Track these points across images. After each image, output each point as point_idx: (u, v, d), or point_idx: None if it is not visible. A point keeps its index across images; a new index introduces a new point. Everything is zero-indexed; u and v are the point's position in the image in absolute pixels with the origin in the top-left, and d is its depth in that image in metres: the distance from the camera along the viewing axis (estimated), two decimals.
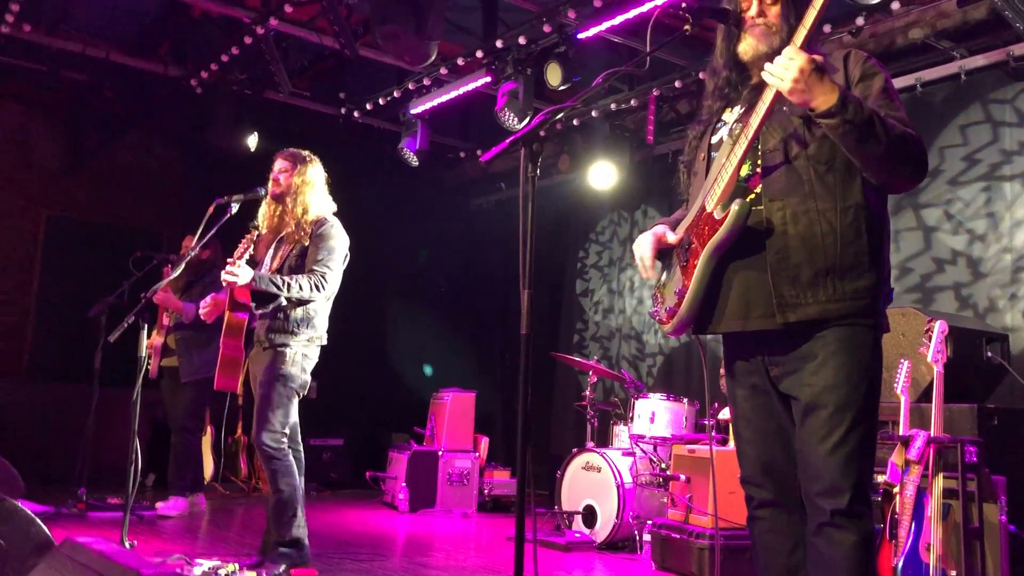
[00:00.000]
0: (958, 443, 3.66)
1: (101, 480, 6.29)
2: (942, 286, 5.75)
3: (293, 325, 4.05)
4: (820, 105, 2.07)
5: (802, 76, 2.06)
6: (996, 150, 5.62)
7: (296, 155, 4.27)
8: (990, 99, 5.68)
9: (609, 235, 8.46)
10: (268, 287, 3.90)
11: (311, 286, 4.00)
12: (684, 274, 2.35)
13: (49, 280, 8.15)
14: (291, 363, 4.03)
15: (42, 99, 8.14)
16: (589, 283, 8.64)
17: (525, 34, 6.07)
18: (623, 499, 5.34)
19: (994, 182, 5.59)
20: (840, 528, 2.13)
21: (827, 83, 2.08)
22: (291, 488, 3.99)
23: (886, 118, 2.13)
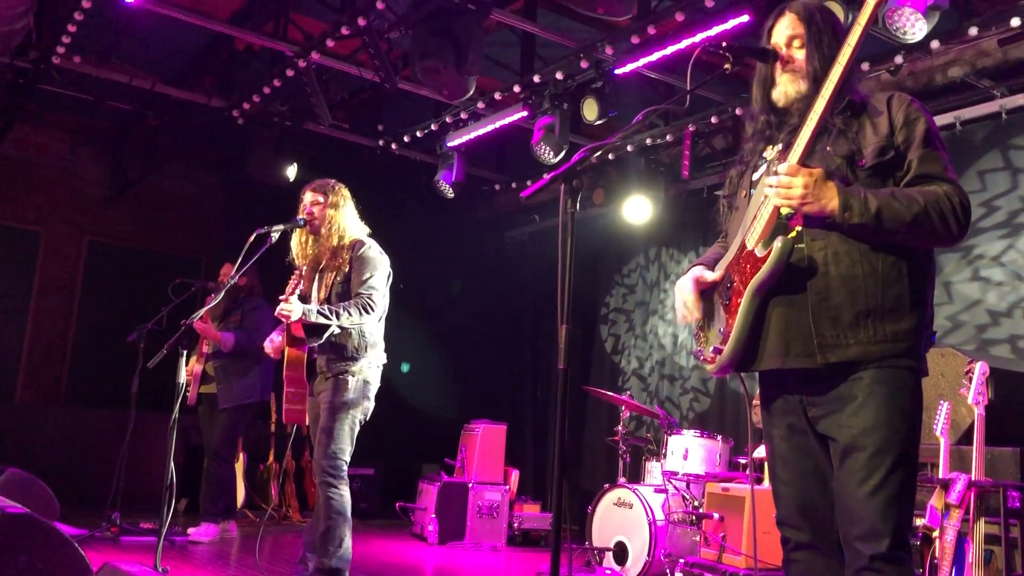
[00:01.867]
0: (1000, 487, 3.59)
1: (135, 504, 6.33)
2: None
3: (351, 352, 4.10)
4: (829, 211, 2.13)
5: (808, 191, 2.12)
6: (1017, 197, 5.62)
7: (325, 185, 4.33)
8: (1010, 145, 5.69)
9: (643, 269, 8.45)
10: (317, 319, 3.96)
11: (360, 310, 4.04)
12: (728, 313, 2.33)
13: (89, 305, 8.30)
14: (353, 390, 4.08)
15: (88, 128, 8.34)
16: (622, 317, 8.62)
17: (562, 69, 6.12)
18: (655, 536, 5.28)
19: (1012, 229, 5.59)
20: (879, 573, 2.09)
21: (829, 189, 2.14)
22: (342, 517, 4.02)
23: (903, 196, 2.14)
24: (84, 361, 8.21)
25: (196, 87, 7.19)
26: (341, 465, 4.06)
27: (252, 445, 7.59)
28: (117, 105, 7.53)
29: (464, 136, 7.25)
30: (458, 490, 6.92)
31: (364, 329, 4.14)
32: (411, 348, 8.73)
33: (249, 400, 6.17)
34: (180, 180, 8.78)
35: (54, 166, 8.36)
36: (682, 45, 5.39)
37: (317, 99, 6.56)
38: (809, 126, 2.18)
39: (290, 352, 4.05)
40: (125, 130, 8.21)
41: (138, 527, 5.81)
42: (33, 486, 5.10)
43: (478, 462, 7.11)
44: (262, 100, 6.94)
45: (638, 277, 8.51)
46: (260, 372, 6.17)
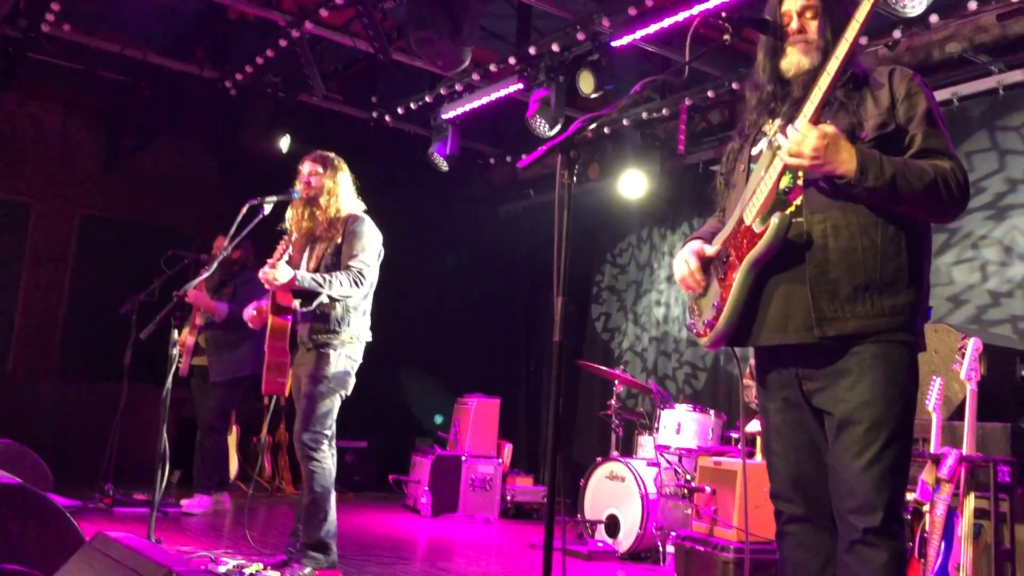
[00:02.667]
0: (991, 462, 3.61)
1: (127, 476, 6.34)
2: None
3: (334, 324, 4.07)
4: (843, 173, 2.10)
5: (819, 153, 2.09)
6: (1002, 179, 5.64)
7: (325, 157, 4.30)
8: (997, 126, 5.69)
9: (638, 244, 8.44)
10: (310, 285, 3.93)
11: (350, 282, 4.03)
12: (722, 287, 2.33)
13: (81, 278, 8.26)
14: (335, 364, 4.06)
15: (80, 99, 8.25)
16: (616, 292, 8.62)
17: (558, 41, 6.07)
18: (647, 510, 5.31)
19: (999, 210, 5.61)
20: (872, 546, 2.10)
21: (844, 151, 2.10)
22: (325, 491, 4.02)
23: (915, 166, 2.14)
24: (77, 333, 8.18)
25: (188, 58, 7.12)
26: (321, 439, 4.03)
27: (245, 418, 7.58)
28: (109, 76, 7.45)
29: (459, 108, 7.20)
30: (451, 463, 6.95)
31: (349, 303, 4.12)
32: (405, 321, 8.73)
33: (241, 373, 6.16)
34: (173, 152, 8.71)
35: (46, 138, 8.28)
36: (680, 17, 5.35)
37: (311, 70, 6.51)
38: (814, 100, 2.16)
39: (274, 321, 4.02)
40: (117, 101, 8.13)
41: (131, 498, 5.82)
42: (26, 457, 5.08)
43: (471, 435, 7.13)
44: (255, 71, 6.88)
45: (633, 252, 8.50)
46: (252, 345, 6.16)
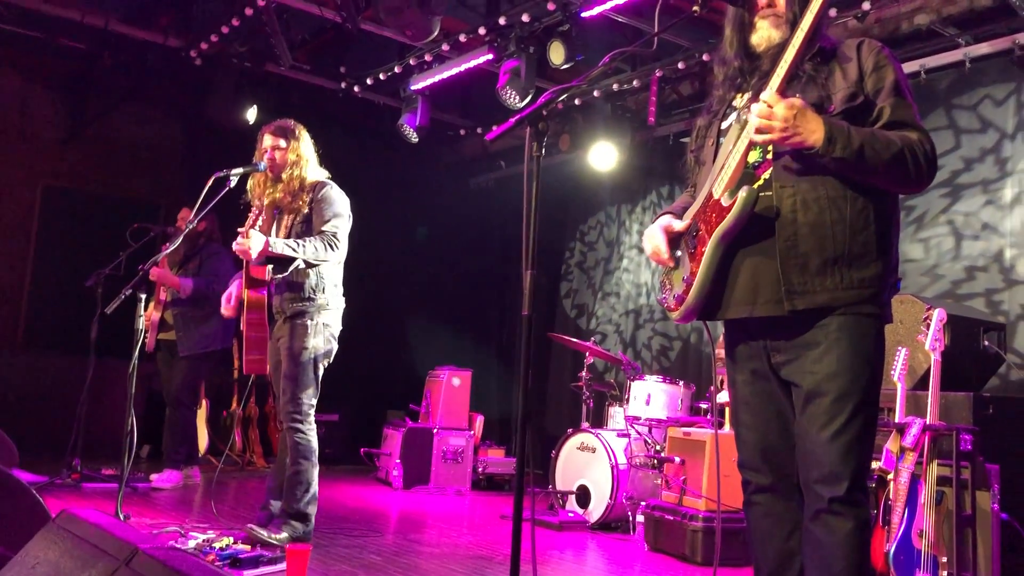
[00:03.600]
0: (953, 431, 3.67)
1: (95, 451, 6.29)
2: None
3: (308, 292, 4.05)
4: (812, 144, 2.11)
5: (788, 124, 2.10)
6: (957, 157, 5.73)
7: (285, 129, 4.24)
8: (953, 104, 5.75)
9: (609, 216, 8.44)
10: (284, 251, 3.91)
11: (325, 246, 4.01)
12: (692, 261, 2.33)
13: (45, 251, 8.13)
14: (313, 334, 4.04)
15: (40, 67, 8.07)
16: (587, 264, 8.63)
17: (528, 12, 6.02)
18: (617, 480, 5.36)
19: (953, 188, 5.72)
20: (838, 515, 2.13)
21: (812, 120, 2.11)
22: (309, 463, 4.03)
23: (882, 136, 2.14)
24: (41, 306, 8.06)
25: (152, 26, 6.98)
26: (307, 410, 4.05)
27: (215, 392, 7.54)
28: (70, 44, 7.28)
29: (428, 79, 7.13)
30: (423, 436, 6.96)
31: (322, 270, 4.09)
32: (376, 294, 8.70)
33: (210, 348, 6.11)
34: (137, 122, 8.55)
35: (5, 108, 8.09)
36: None
37: (277, 39, 6.41)
38: (780, 72, 2.16)
39: (249, 296, 3.98)
40: (79, 70, 7.95)
41: (99, 474, 5.77)
42: None
43: (443, 408, 7.14)
44: (221, 40, 6.76)
45: (604, 224, 8.51)
46: (220, 320, 6.09)
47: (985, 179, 5.61)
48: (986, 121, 5.67)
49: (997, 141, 5.60)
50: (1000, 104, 5.62)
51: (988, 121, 5.67)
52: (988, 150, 5.64)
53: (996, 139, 5.60)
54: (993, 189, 5.56)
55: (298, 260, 3.95)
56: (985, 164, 5.63)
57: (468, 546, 4.74)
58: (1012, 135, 5.53)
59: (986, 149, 5.65)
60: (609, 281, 8.29)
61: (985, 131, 5.67)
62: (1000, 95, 5.62)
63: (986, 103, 5.69)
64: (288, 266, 3.97)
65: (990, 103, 5.68)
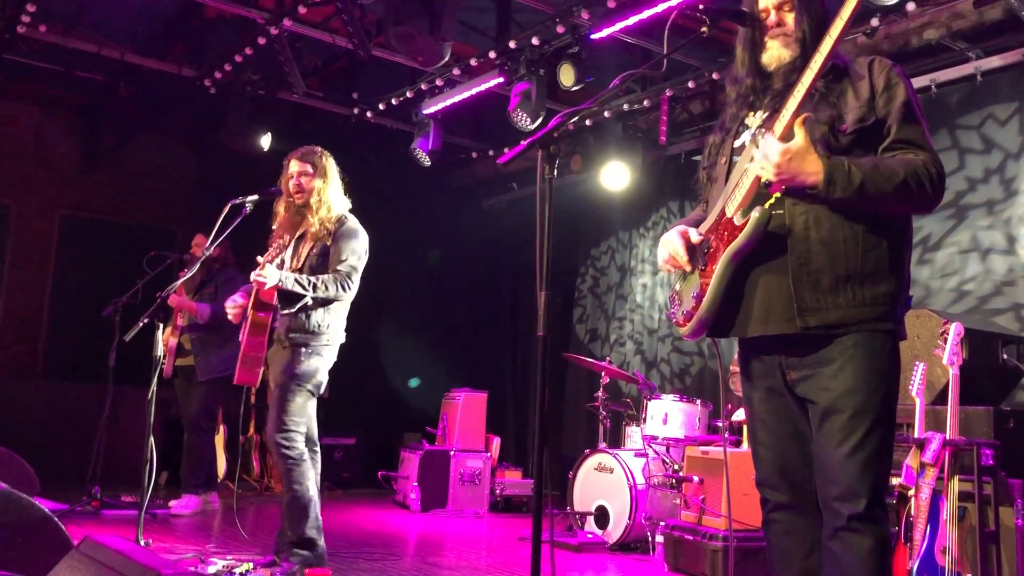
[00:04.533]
0: (974, 446, 3.64)
1: (115, 478, 6.32)
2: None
3: (314, 325, 4.05)
4: (811, 185, 2.12)
5: (781, 169, 2.12)
6: (962, 178, 5.71)
7: (313, 156, 4.24)
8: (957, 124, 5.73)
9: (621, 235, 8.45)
10: (294, 287, 3.92)
11: (337, 286, 4.01)
12: (702, 277, 2.34)
13: (63, 279, 8.20)
14: (307, 362, 4.04)
15: (57, 99, 8.18)
16: (601, 284, 8.63)
17: (538, 35, 6.07)
18: (635, 500, 5.33)
19: (958, 210, 5.69)
20: (857, 532, 2.12)
21: (810, 163, 2.12)
22: (304, 488, 3.99)
23: (884, 167, 2.14)
24: (60, 335, 8.13)
25: (167, 56, 7.07)
26: (293, 435, 4.00)
27: (233, 417, 7.56)
28: (86, 75, 7.39)
29: (440, 103, 7.18)
30: (440, 458, 6.95)
31: (330, 307, 4.11)
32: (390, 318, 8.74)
33: (227, 372, 6.11)
34: (152, 151, 8.65)
35: (24, 138, 8.20)
36: (659, 9, 5.35)
37: (290, 67, 6.48)
38: (796, 97, 2.15)
39: (254, 316, 4.00)
40: (95, 101, 8.07)
41: (119, 501, 5.79)
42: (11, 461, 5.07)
43: (459, 430, 7.14)
44: (234, 69, 6.84)
45: (616, 244, 8.51)
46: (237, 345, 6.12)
47: (991, 199, 5.58)
48: (990, 141, 5.65)
49: (1001, 161, 5.58)
50: (1004, 124, 5.61)
51: (992, 141, 5.65)
52: (993, 170, 5.61)
53: (1000, 159, 5.58)
54: (998, 210, 5.53)
55: (307, 298, 3.98)
56: (990, 184, 5.60)
57: (487, 568, 4.72)
58: (1017, 155, 5.50)
59: (991, 169, 5.62)
60: (623, 306, 8.27)
61: (989, 151, 5.64)
62: (1003, 115, 5.60)
63: (989, 123, 5.66)
64: (297, 301, 3.99)
65: (993, 123, 5.66)
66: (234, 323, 4.26)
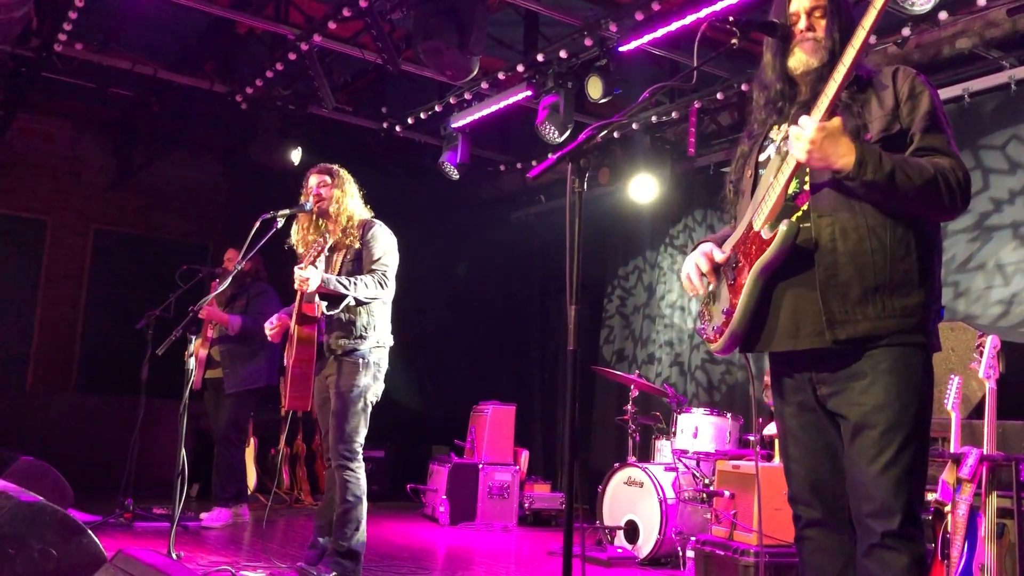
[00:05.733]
0: (1012, 461, 3.57)
1: (147, 490, 6.37)
2: None
3: (360, 331, 4.09)
4: (840, 168, 2.10)
5: (814, 146, 2.09)
6: (986, 199, 5.62)
7: (329, 168, 4.35)
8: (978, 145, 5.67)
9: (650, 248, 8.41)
10: (337, 287, 3.95)
11: (376, 284, 4.06)
12: (732, 293, 2.32)
13: (97, 294, 8.32)
14: (363, 372, 4.08)
15: (91, 115, 8.32)
16: (630, 296, 8.60)
17: (566, 48, 6.08)
18: (666, 515, 5.29)
19: (983, 231, 5.61)
20: (891, 550, 2.08)
21: (843, 146, 2.10)
22: (358, 500, 4.04)
23: (914, 162, 2.12)
24: (94, 349, 8.24)
25: (198, 72, 7.17)
26: (356, 448, 4.07)
27: (262, 429, 7.62)
28: (120, 92, 7.51)
29: (468, 117, 7.21)
30: (468, 471, 6.94)
31: (372, 309, 4.13)
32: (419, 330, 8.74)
33: (256, 385, 6.18)
34: (184, 166, 8.76)
35: (59, 154, 8.35)
36: (687, 21, 5.34)
37: (320, 82, 6.54)
38: (820, 109, 2.14)
39: (300, 331, 4.01)
40: (129, 117, 8.19)
41: (151, 513, 5.84)
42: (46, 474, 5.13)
43: (488, 443, 7.13)
44: (265, 84, 6.92)
45: (645, 256, 8.47)
46: (267, 357, 6.18)
47: (1015, 221, 5.50)
48: (1015, 162, 5.58)
49: None
50: None
51: (1017, 162, 5.58)
52: (1017, 192, 5.53)
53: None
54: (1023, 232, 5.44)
55: (349, 297, 3.99)
56: (1015, 205, 5.51)
57: None
58: None
59: (1015, 191, 5.54)
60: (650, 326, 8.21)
61: (1014, 172, 5.57)
62: None
63: (1013, 143, 5.58)
64: (340, 303, 4.01)
65: (1017, 143, 5.57)
66: (274, 342, 4.28)
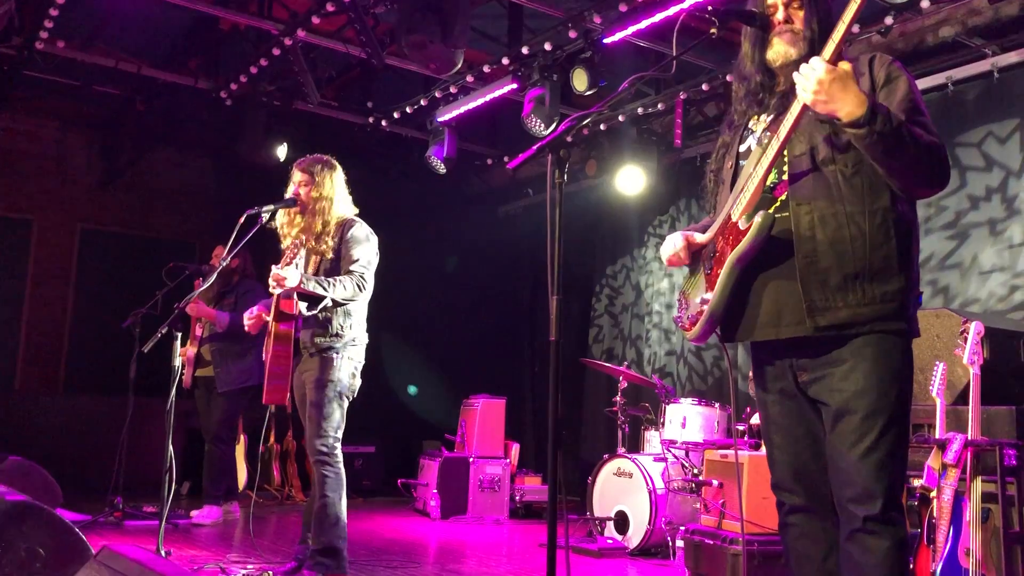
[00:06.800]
0: (996, 446, 3.59)
1: (136, 489, 6.36)
2: None
3: (336, 328, 4.09)
4: (845, 116, 2.06)
5: (822, 87, 2.05)
6: (963, 196, 5.68)
7: (312, 165, 4.25)
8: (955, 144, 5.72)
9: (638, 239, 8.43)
10: (316, 288, 3.94)
11: (354, 286, 4.04)
12: (708, 282, 2.34)
13: (84, 292, 8.29)
14: (339, 368, 4.07)
15: (76, 114, 8.28)
16: (619, 287, 8.61)
17: (551, 40, 6.07)
18: (655, 505, 5.31)
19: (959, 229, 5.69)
20: (873, 534, 2.10)
21: (852, 93, 2.05)
22: (338, 496, 4.03)
23: (912, 127, 2.11)
24: (81, 348, 8.21)
25: (182, 69, 7.14)
26: (333, 443, 4.05)
27: (253, 426, 7.61)
28: (104, 90, 7.48)
29: (454, 111, 7.21)
30: (459, 465, 6.95)
31: (349, 307, 4.13)
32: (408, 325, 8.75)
33: (247, 383, 6.16)
34: (170, 164, 8.73)
35: (44, 154, 8.31)
36: (670, 12, 5.35)
37: (305, 77, 6.52)
38: (800, 101, 2.14)
39: (278, 328, 4.01)
40: (113, 115, 8.16)
41: (141, 511, 5.83)
42: (34, 473, 5.11)
43: (478, 436, 7.13)
44: (249, 80, 6.89)
45: (633, 255, 8.49)
46: (257, 355, 6.16)
47: (992, 218, 5.54)
48: (990, 158, 5.61)
49: (1003, 179, 5.53)
50: (1004, 142, 5.56)
51: (993, 159, 5.61)
52: (994, 189, 5.57)
53: (1002, 177, 5.54)
54: (999, 229, 5.49)
55: (327, 299, 3.99)
56: (992, 203, 5.56)
57: (508, 575, 4.71)
58: (1018, 173, 5.45)
59: (992, 188, 5.58)
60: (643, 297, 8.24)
61: (990, 169, 5.60)
62: (1003, 133, 5.56)
63: (990, 140, 5.62)
64: (318, 304, 4.01)
65: (993, 140, 5.61)
66: (251, 333, 4.28)
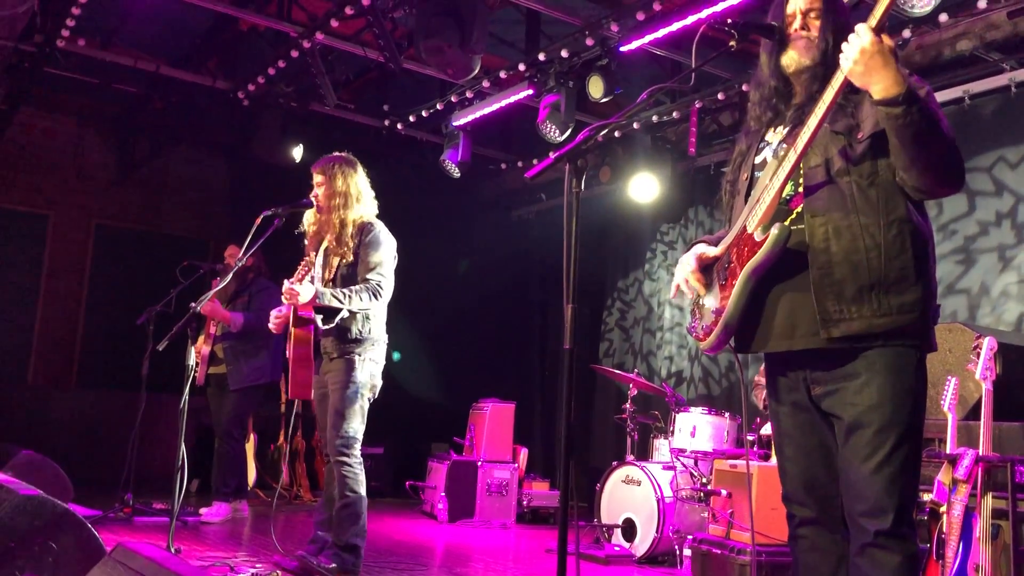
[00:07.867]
0: (1008, 462, 3.58)
1: (147, 485, 6.39)
2: None
3: (356, 334, 4.12)
4: (880, 92, 2.04)
5: (863, 56, 2.03)
6: (973, 221, 5.67)
7: (329, 166, 4.25)
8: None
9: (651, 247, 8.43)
10: (331, 302, 3.97)
11: (370, 295, 4.06)
12: (722, 292, 2.35)
13: (98, 288, 8.34)
14: (360, 370, 4.11)
15: (94, 111, 8.34)
16: (630, 295, 8.61)
17: (568, 47, 6.09)
18: (663, 513, 5.31)
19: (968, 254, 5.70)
20: (884, 549, 2.10)
21: (892, 70, 2.03)
22: (358, 495, 4.07)
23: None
24: (95, 344, 8.26)
25: (201, 69, 7.19)
26: (354, 444, 4.10)
27: (263, 425, 7.64)
28: (123, 88, 7.53)
29: (470, 115, 7.23)
30: (467, 468, 6.96)
31: (369, 312, 4.15)
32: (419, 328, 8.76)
33: (259, 381, 6.20)
34: (186, 162, 8.78)
35: (61, 150, 8.37)
36: (688, 21, 5.36)
37: (322, 80, 6.55)
38: (816, 115, 2.15)
39: (296, 332, 4.04)
40: (131, 113, 8.21)
41: (151, 508, 5.86)
42: (46, 468, 5.15)
43: (487, 440, 7.14)
44: (267, 81, 6.93)
45: (645, 254, 8.49)
46: (270, 353, 6.20)
47: (1001, 244, 5.54)
48: (1001, 184, 5.60)
49: (1013, 205, 5.53)
50: (1015, 167, 5.54)
51: (1003, 184, 5.60)
52: (1004, 214, 5.55)
53: (1012, 203, 5.53)
54: (1009, 256, 5.48)
55: (343, 311, 4.02)
56: (1002, 228, 5.55)
57: None
58: None
59: (1002, 213, 5.56)
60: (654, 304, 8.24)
61: (1000, 194, 5.59)
62: (1015, 158, 5.55)
63: (1001, 165, 5.60)
64: (335, 316, 4.04)
65: (1005, 165, 5.59)
66: (275, 333, 4.30)
